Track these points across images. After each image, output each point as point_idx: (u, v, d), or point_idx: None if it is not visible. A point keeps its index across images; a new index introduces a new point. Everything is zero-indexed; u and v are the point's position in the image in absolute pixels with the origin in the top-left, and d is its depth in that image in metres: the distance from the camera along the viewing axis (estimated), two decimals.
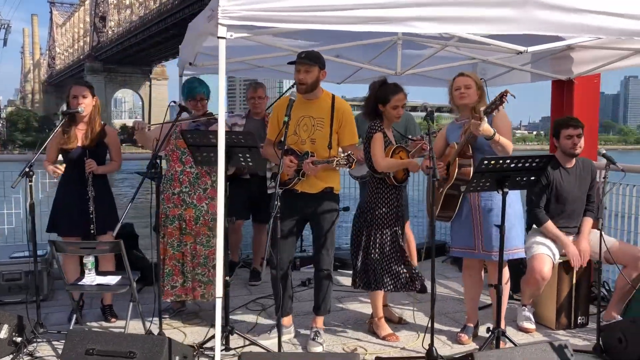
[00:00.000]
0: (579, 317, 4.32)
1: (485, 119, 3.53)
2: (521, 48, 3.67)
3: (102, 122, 4.31)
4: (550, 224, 4.20)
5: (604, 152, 3.97)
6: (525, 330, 4.22)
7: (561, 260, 4.23)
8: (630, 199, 4.95)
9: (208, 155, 3.64)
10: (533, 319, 4.29)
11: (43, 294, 4.85)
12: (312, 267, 5.77)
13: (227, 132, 3.59)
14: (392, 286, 4.00)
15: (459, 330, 4.15)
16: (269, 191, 5.36)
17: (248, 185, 5.22)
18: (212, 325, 4.23)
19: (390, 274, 3.98)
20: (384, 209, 3.96)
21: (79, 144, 4.18)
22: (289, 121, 3.56)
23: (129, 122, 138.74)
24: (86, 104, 4.14)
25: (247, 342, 3.82)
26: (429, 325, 3.53)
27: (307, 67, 3.74)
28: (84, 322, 4.30)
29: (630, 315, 4.19)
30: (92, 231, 4.17)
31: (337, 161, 3.64)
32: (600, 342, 3.74)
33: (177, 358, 3.21)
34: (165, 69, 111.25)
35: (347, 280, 5.01)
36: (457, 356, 3.54)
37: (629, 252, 4.14)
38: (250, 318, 4.55)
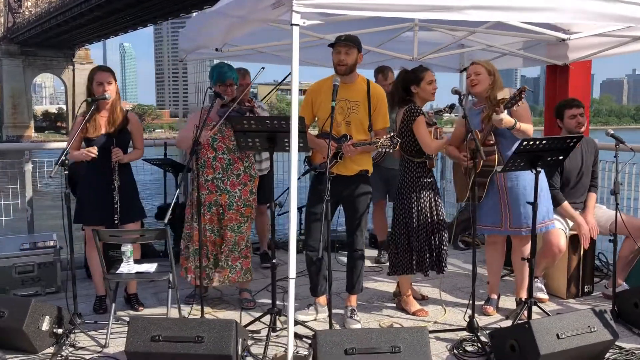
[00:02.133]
0: (586, 286, 4.65)
1: (505, 111, 3.76)
2: (564, 36, 3.89)
3: (125, 109, 4.23)
4: (567, 205, 4.45)
5: (612, 132, 4.24)
6: (539, 300, 4.46)
7: (571, 234, 4.53)
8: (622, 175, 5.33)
9: (253, 141, 3.66)
10: (545, 290, 4.58)
11: (56, 286, 4.75)
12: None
13: (273, 118, 3.63)
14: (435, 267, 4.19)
15: (482, 303, 4.38)
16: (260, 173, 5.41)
17: None
18: (243, 308, 4.33)
19: (437, 253, 4.15)
20: (426, 192, 4.09)
21: (103, 131, 4.09)
22: (335, 106, 3.65)
23: (51, 109, 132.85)
24: (111, 90, 4.06)
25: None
26: (470, 301, 3.74)
27: (348, 49, 3.83)
28: (109, 312, 4.23)
29: (632, 281, 4.57)
30: (115, 221, 4.11)
31: (381, 142, 3.73)
32: (616, 307, 4.06)
33: (240, 340, 3.25)
34: (89, 52, 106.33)
35: None
36: (495, 325, 3.75)
37: (634, 224, 4.47)
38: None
